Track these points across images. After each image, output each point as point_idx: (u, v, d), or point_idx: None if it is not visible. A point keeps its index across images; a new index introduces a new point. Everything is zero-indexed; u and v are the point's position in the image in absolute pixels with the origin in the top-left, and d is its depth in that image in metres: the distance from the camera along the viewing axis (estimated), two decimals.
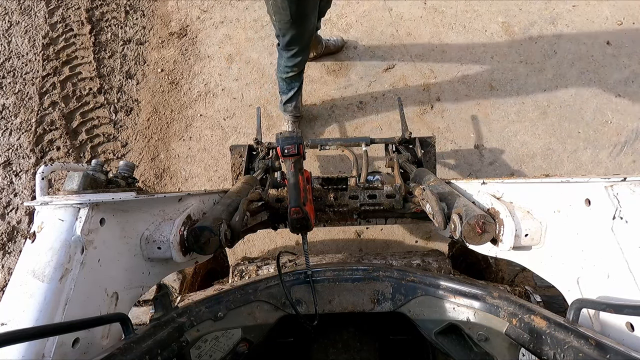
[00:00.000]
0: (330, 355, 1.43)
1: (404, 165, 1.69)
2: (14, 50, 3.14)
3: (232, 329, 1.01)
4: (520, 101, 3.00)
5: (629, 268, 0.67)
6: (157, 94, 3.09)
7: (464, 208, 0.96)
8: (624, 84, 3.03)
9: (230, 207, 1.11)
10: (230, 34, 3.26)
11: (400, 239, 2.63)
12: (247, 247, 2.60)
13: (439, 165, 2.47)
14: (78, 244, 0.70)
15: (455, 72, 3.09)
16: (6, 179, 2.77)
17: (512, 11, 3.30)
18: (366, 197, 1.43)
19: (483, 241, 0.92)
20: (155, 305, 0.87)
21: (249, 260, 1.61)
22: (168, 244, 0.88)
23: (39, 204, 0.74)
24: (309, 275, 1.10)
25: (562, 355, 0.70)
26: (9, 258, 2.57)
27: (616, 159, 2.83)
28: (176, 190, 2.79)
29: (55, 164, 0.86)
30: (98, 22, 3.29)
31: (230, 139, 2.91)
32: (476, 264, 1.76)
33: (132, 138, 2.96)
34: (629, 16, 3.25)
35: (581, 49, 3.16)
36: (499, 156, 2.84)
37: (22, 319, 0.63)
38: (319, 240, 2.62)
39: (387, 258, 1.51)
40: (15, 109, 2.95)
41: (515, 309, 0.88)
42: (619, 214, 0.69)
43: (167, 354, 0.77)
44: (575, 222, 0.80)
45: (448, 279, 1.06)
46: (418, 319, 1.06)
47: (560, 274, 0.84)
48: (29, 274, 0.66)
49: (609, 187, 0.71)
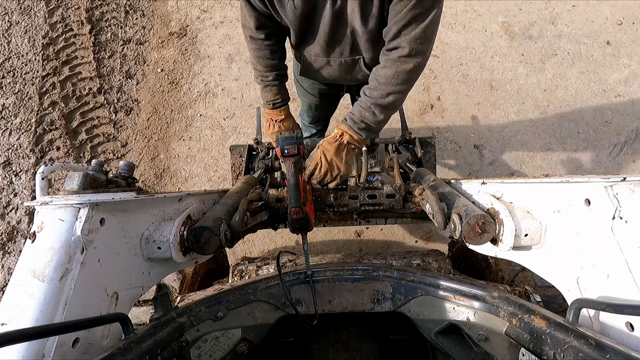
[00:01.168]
0: (330, 355, 1.43)
1: (404, 165, 1.69)
2: (14, 50, 3.14)
3: (232, 329, 1.01)
4: (520, 101, 3.00)
5: (629, 268, 0.67)
6: (157, 93, 3.09)
7: (463, 208, 0.96)
8: (624, 84, 3.03)
9: (230, 207, 1.11)
10: (230, 34, 3.26)
11: (400, 239, 2.63)
12: (247, 247, 2.60)
13: (439, 165, 2.46)
14: (78, 244, 0.70)
15: (455, 72, 3.09)
16: (6, 179, 2.77)
17: (512, 11, 3.31)
18: (366, 197, 1.43)
19: (483, 241, 0.93)
20: (155, 305, 0.87)
21: (249, 260, 1.61)
22: (168, 244, 0.88)
23: (39, 204, 0.74)
24: (308, 275, 1.10)
25: (562, 355, 0.70)
26: (9, 258, 2.57)
27: (616, 159, 2.83)
28: (176, 190, 2.79)
29: (55, 164, 0.86)
30: (98, 22, 3.29)
31: (230, 139, 2.91)
32: (476, 264, 1.76)
33: (132, 138, 2.96)
34: (629, 16, 3.25)
35: (581, 49, 3.16)
36: (499, 156, 2.85)
37: (22, 319, 0.63)
38: (319, 240, 2.62)
39: (387, 258, 1.51)
40: (15, 109, 2.95)
41: (515, 309, 0.88)
42: (618, 214, 0.69)
43: (167, 354, 0.77)
44: (575, 222, 0.80)
45: (448, 279, 1.06)
46: (418, 318, 1.06)
47: (560, 274, 0.84)
48: (29, 274, 0.66)
49: (608, 187, 0.71)
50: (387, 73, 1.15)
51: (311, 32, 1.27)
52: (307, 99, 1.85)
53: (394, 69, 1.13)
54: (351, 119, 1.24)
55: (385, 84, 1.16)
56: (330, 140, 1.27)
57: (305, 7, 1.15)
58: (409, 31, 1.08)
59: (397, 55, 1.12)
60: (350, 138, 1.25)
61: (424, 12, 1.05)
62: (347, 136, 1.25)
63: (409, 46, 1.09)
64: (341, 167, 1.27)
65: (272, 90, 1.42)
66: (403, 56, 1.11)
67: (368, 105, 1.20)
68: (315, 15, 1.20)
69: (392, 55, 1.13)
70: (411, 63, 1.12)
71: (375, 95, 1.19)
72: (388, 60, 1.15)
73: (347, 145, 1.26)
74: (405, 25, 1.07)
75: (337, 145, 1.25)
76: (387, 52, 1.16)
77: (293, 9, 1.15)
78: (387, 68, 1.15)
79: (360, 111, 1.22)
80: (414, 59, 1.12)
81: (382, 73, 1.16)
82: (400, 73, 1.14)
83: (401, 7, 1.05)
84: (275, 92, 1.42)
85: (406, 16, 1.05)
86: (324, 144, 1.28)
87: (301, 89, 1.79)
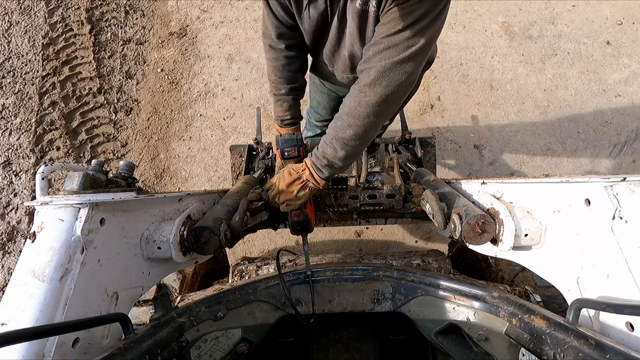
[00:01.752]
0: (330, 355, 1.43)
1: (404, 165, 1.69)
2: (14, 50, 3.14)
3: (232, 329, 1.01)
4: (520, 101, 3.00)
5: (629, 268, 0.67)
6: (157, 93, 3.09)
7: (463, 208, 0.96)
8: (624, 84, 3.03)
9: (230, 207, 1.11)
10: (230, 34, 3.26)
11: (400, 239, 2.63)
12: (247, 247, 2.60)
13: (439, 165, 2.47)
14: (78, 244, 0.70)
15: (455, 72, 3.09)
16: (6, 179, 2.77)
17: (512, 11, 3.31)
18: (366, 197, 1.43)
19: (483, 241, 0.93)
20: (155, 305, 0.87)
21: (249, 260, 1.61)
22: (168, 244, 0.88)
23: (39, 204, 0.74)
24: (308, 275, 1.10)
25: (562, 355, 0.70)
26: (9, 258, 2.57)
27: (616, 159, 2.83)
28: (176, 190, 2.79)
29: (55, 164, 0.86)
30: (98, 22, 3.29)
31: (230, 139, 2.91)
32: (476, 264, 1.76)
33: (132, 138, 2.96)
34: (629, 16, 3.25)
35: (581, 49, 3.16)
36: (499, 156, 2.85)
37: (22, 319, 0.63)
38: (319, 240, 2.62)
39: (387, 258, 1.51)
40: (15, 109, 2.95)
41: (515, 308, 0.88)
42: (618, 213, 0.69)
43: (167, 354, 0.77)
44: (575, 222, 0.80)
45: (448, 279, 1.06)
46: (418, 318, 1.06)
47: (560, 274, 0.84)
48: (29, 274, 0.66)
49: (608, 187, 0.71)
50: (350, 103, 1.02)
51: (320, 45, 1.26)
52: (317, 96, 1.81)
53: (357, 99, 1.01)
54: (315, 154, 1.13)
55: (347, 114, 1.03)
56: (293, 170, 1.17)
57: (319, 20, 1.12)
58: (379, 59, 0.96)
59: (362, 82, 1.00)
60: (310, 176, 1.14)
61: (401, 44, 0.93)
62: (308, 173, 1.14)
63: (375, 74, 0.96)
64: (290, 198, 1.16)
65: (283, 106, 1.35)
66: (367, 84, 0.98)
67: (330, 139, 1.07)
68: (325, 30, 1.18)
69: (359, 82, 1.02)
70: (375, 95, 0.98)
71: (337, 126, 1.06)
72: (354, 88, 1.03)
73: (305, 182, 1.15)
74: (379, 51, 0.96)
75: (294, 178, 1.15)
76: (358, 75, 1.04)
77: (308, 19, 1.13)
78: (351, 97, 1.02)
79: (323, 146, 1.10)
80: (380, 89, 0.98)
81: (347, 102, 1.04)
82: (363, 105, 1.00)
83: (382, 31, 0.96)
84: (286, 108, 1.35)
85: (382, 41, 0.95)
86: (287, 169, 1.19)
87: (313, 84, 1.76)
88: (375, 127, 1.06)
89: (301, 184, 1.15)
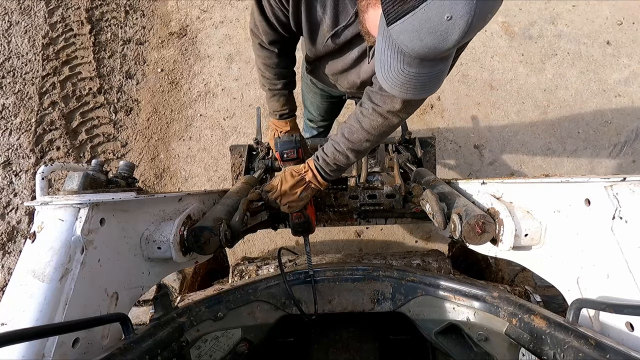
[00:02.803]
0: (330, 355, 1.43)
1: (404, 165, 1.69)
2: (14, 50, 3.14)
3: (232, 329, 1.01)
4: (520, 101, 3.00)
5: (629, 268, 0.67)
6: (157, 93, 3.09)
7: (463, 208, 0.96)
8: (624, 84, 3.03)
9: (230, 207, 1.11)
10: (230, 34, 3.26)
11: (400, 239, 2.63)
12: (247, 247, 2.60)
13: (439, 165, 2.47)
14: (78, 244, 0.70)
15: (455, 72, 3.09)
16: (6, 179, 2.77)
17: (512, 11, 3.31)
18: (366, 197, 1.43)
19: (483, 241, 0.93)
20: (155, 305, 0.87)
21: (249, 260, 1.61)
22: (168, 244, 0.88)
23: (39, 204, 0.74)
24: (310, 275, 1.10)
25: (562, 355, 0.70)
26: (9, 258, 2.57)
27: (616, 159, 2.83)
28: (176, 190, 2.79)
29: (55, 164, 0.86)
30: (98, 22, 3.29)
31: (230, 139, 2.91)
32: (476, 264, 1.76)
33: (132, 138, 2.96)
34: (629, 16, 3.25)
35: (581, 49, 3.16)
36: (499, 156, 2.85)
37: (22, 319, 0.63)
38: (319, 240, 2.62)
39: (387, 258, 1.51)
40: (15, 109, 2.95)
41: (515, 309, 0.88)
42: (618, 213, 0.69)
43: (167, 354, 0.77)
44: (575, 222, 0.80)
45: (448, 279, 1.06)
46: (418, 318, 1.06)
47: (560, 274, 0.84)
48: (29, 274, 0.66)
49: (608, 187, 0.71)
50: (374, 122, 1.08)
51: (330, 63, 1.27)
52: (310, 96, 1.82)
53: (382, 120, 1.07)
54: (323, 159, 1.16)
55: (368, 131, 1.10)
56: (295, 172, 1.19)
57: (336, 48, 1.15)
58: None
59: (386, 109, 1.05)
60: (313, 178, 1.18)
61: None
62: (311, 174, 1.18)
63: (400, 105, 1.03)
64: (293, 199, 1.18)
65: (280, 100, 1.37)
66: (391, 112, 1.05)
67: (344, 149, 1.13)
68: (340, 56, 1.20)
69: (381, 106, 1.06)
70: (399, 119, 1.08)
71: (355, 140, 1.12)
72: (376, 109, 1.07)
73: (307, 183, 1.18)
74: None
75: (296, 180, 1.17)
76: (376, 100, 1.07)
77: (323, 44, 1.14)
78: (375, 117, 1.08)
79: (334, 153, 1.14)
80: (405, 115, 1.08)
81: (368, 120, 1.09)
82: (385, 126, 1.09)
83: None
84: (283, 102, 1.38)
85: None
86: (288, 171, 1.21)
87: (306, 85, 1.76)
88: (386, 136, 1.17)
89: (305, 184, 1.18)
